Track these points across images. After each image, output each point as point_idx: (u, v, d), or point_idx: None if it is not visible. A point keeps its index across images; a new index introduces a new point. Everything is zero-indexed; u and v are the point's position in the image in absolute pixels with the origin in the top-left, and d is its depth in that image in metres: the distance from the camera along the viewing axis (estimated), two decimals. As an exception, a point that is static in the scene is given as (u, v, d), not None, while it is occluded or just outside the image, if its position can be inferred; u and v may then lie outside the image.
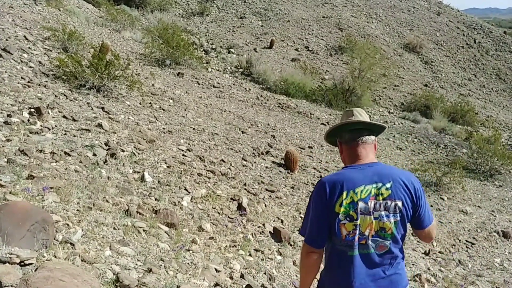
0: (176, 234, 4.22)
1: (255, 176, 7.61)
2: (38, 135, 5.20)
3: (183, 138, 7.83)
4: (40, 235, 2.56)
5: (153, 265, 3.18)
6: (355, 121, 2.15)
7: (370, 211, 1.97)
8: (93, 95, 7.91)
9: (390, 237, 2.00)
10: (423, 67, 23.16)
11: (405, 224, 2.05)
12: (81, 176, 4.57)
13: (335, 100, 16.64)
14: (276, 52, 21.19)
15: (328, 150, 10.92)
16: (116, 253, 3.12)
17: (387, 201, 1.99)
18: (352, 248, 1.98)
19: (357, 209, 1.96)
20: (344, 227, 1.97)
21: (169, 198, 5.23)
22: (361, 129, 2.15)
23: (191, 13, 25.73)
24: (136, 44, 16.87)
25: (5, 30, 8.94)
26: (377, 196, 1.99)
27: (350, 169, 2.09)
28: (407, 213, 2.02)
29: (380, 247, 2.01)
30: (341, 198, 1.96)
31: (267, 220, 6.13)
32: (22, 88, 6.49)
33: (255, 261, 4.51)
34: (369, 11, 27.15)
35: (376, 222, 1.98)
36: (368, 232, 1.98)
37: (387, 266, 2.03)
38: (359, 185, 1.99)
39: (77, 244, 2.92)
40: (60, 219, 3.18)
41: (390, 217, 1.99)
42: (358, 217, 1.96)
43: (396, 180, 2.02)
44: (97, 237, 3.24)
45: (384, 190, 1.99)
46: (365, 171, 2.04)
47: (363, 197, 1.97)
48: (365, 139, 2.13)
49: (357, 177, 2.01)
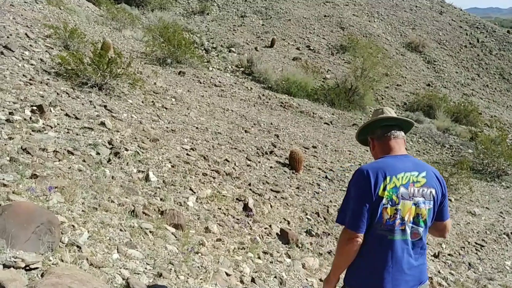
0: (184, 235, 4.09)
1: (259, 176, 7.47)
2: (41, 134, 5.06)
3: (186, 137, 7.70)
4: (46, 237, 2.43)
5: (163, 269, 3.05)
6: (387, 116, 2.30)
7: (410, 196, 2.06)
8: (95, 93, 7.77)
9: (423, 224, 2.09)
10: (426, 67, 23.05)
11: (434, 213, 2.15)
12: (84, 175, 4.44)
13: (338, 100, 16.53)
14: (277, 51, 21.07)
15: (333, 150, 10.80)
16: (124, 256, 2.99)
17: (424, 188, 2.10)
18: (393, 232, 2.05)
19: (399, 194, 2.04)
20: (386, 211, 2.03)
21: (175, 198, 5.11)
22: (392, 125, 2.28)
23: (191, 12, 25.61)
24: (137, 42, 16.74)
25: (6, 27, 8.80)
26: (415, 183, 2.09)
27: (388, 158, 2.19)
28: (437, 201, 2.14)
29: (414, 234, 2.08)
30: (385, 182, 2.03)
31: (274, 221, 6.00)
32: (24, 85, 6.36)
33: (264, 264, 4.38)
34: (371, 10, 27.04)
35: (414, 208, 2.07)
36: (407, 218, 2.06)
37: (417, 255, 2.11)
38: (400, 171, 2.07)
39: (84, 247, 2.79)
40: (65, 220, 3.05)
41: (426, 203, 2.09)
42: (399, 202, 2.04)
43: (429, 171, 2.15)
44: (103, 239, 3.11)
45: (421, 178, 2.10)
46: (402, 160, 2.15)
47: (404, 182, 2.06)
48: (397, 134, 2.26)
49: (397, 164, 2.11)
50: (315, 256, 5.39)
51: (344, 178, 8.99)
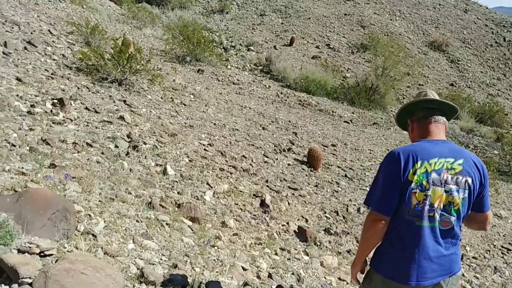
0: (200, 229, 4.05)
1: (277, 173, 7.40)
2: (61, 126, 5.10)
3: (204, 133, 7.68)
4: (61, 224, 2.41)
5: (178, 260, 3.01)
6: (429, 98, 2.18)
7: (442, 183, 1.98)
8: (115, 88, 7.82)
9: (456, 213, 2.00)
10: (449, 66, 22.56)
11: (470, 203, 2.04)
12: (102, 167, 4.44)
13: (358, 98, 16.31)
14: (296, 50, 20.94)
15: (352, 149, 10.64)
16: (140, 246, 2.96)
17: (459, 176, 1.99)
18: (421, 218, 1.97)
19: (430, 180, 1.96)
20: (414, 196, 1.96)
21: (192, 192, 5.07)
22: (434, 109, 2.17)
23: (211, 10, 25.71)
24: (156, 40, 16.87)
25: (30, 24, 8.94)
26: (449, 169, 1.99)
27: (423, 142, 2.09)
28: (474, 191, 2.02)
29: (444, 223, 2.00)
30: (415, 166, 1.96)
31: (291, 218, 5.92)
32: (46, 79, 6.43)
33: (281, 261, 4.30)
34: (393, 8, 26.63)
35: (446, 195, 1.98)
36: (437, 205, 1.98)
37: (448, 244, 2.03)
38: (434, 157, 1.99)
39: (99, 236, 2.77)
40: (82, 209, 3.04)
41: (459, 192, 1.99)
42: (430, 187, 1.96)
43: (468, 158, 2.04)
44: (119, 229, 3.09)
45: (456, 165, 2.00)
46: (439, 145, 2.05)
47: (436, 168, 1.98)
48: (438, 118, 2.15)
49: (432, 149, 2.02)
50: (333, 254, 5.29)
51: (365, 177, 8.83)
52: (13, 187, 2.86)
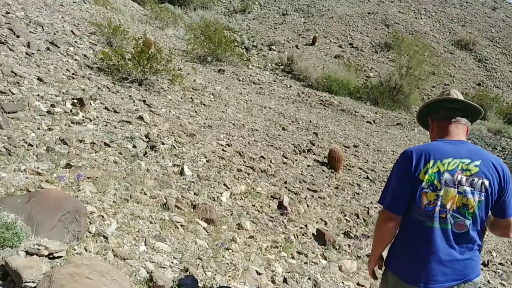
0: (215, 231, 4.00)
1: (296, 174, 7.29)
2: (80, 126, 5.14)
3: (223, 133, 7.64)
4: (72, 226, 2.39)
5: (190, 264, 2.96)
6: (452, 98, 2.11)
7: (455, 184, 1.91)
8: (135, 88, 7.87)
9: (471, 217, 1.91)
10: (476, 65, 21.92)
11: (488, 207, 1.94)
12: (119, 167, 4.44)
13: (381, 98, 16.02)
14: (318, 49, 20.74)
15: (375, 150, 10.43)
16: (151, 249, 2.92)
17: (474, 177, 1.91)
18: (432, 219, 1.92)
19: (442, 180, 1.91)
20: (425, 196, 1.92)
21: (208, 193, 5.03)
22: (456, 109, 2.10)
23: (233, 10, 25.76)
24: (178, 41, 16.98)
25: (54, 24, 9.10)
26: (464, 171, 1.92)
27: (439, 142, 2.04)
28: (492, 194, 1.92)
29: (459, 225, 1.92)
30: (427, 166, 1.92)
31: (310, 221, 5.81)
32: (67, 79, 6.51)
33: (298, 265, 4.21)
34: (418, 7, 26.08)
35: (459, 196, 1.91)
36: (450, 206, 1.91)
37: (463, 248, 1.93)
38: (448, 157, 1.94)
39: (111, 238, 2.74)
40: (95, 210, 3.03)
41: (475, 194, 1.90)
42: (442, 188, 1.91)
43: (486, 160, 1.94)
44: (132, 230, 3.06)
45: (472, 166, 1.92)
46: (455, 146, 1.99)
47: (450, 168, 1.92)
48: (459, 119, 2.08)
49: (447, 149, 1.96)
50: (353, 259, 5.16)
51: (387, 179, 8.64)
52: (27, 187, 2.87)
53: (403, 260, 2.01)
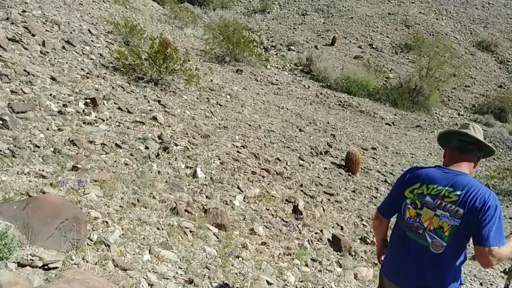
0: (226, 236, 3.85)
1: (312, 177, 7.10)
2: (91, 126, 5.06)
3: (238, 134, 7.50)
4: (71, 234, 2.27)
5: (195, 274, 2.81)
6: (462, 132, 2.27)
7: (434, 207, 2.15)
8: (151, 88, 7.79)
9: (446, 240, 2.10)
10: (498, 67, 21.27)
11: (464, 235, 2.10)
12: (130, 169, 4.34)
13: (401, 100, 15.67)
14: (338, 50, 20.43)
15: (394, 153, 10.14)
16: (156, 257, 2.79)
17: (452, 205, 2.11)
18: (411, 231, 2.22)
19: (423, 201, 2.19)
20: (408, 211, 2.24)
21: (221, 196, 4.89)
22: (469, 142, 2.26)
23: (252, 10, 25.62)
24: (197, 40, 16.92)
25: (70, 23, 9.10)
26: (445, 197, 2.13)
27: (437, 168, 2.26)
28: (467, 223, 2.06)
29: (435, 246, 2.13)
30: (414, 186, 2.23)
31: (325, 226, 5.62)
32: (81, 79, 6.46)
33: (311, 273, 4.03)
34: (439, 8, 25.47)
35: (436, 218, 2.14)
36: (427, 225, 2.16)
37: (435, 265, 2.14)
38: (435, 183, 2.18)
39: (113, 246, 2.62)
40: (99, 215, 2.91)
41: (450, 219, 2.10)
42: (422, 207, 2.19)
43: (469, 191, 2.09)
44: (137, 237, 2.93)
45: (453, 195, 2.11)
46: (448, 175, 2.19)
47: (432, 193, 2.17)
48: (467, 154, 2.25)
49: (437, 176, 2.20)
50: (369, 266, 4.95)
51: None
52: (28, 192, 2.77)
53: (388, 259, 2.38)
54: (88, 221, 2.77)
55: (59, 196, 2.63)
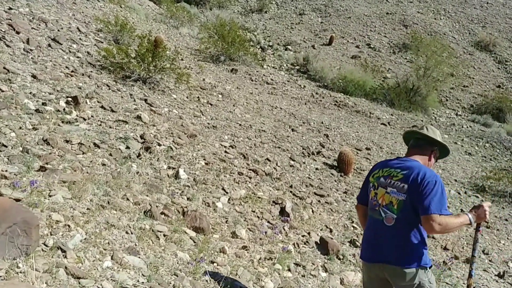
0: (204, 240, 3.69)
1: (303, 178, 6.95)
2: (70, 125, 4.90)
3: (227, 134, 7.34)
4: (19, 239, 2.11)
5: (159, 282, 2.64)
6: (413, 130, 2.80)
7: (385, 185, 2.56)
8: (138, 86, 7.64)
9: (396, 213, 2.46)
10: (496, 67, 21.11)
11: (410, 207, 2.42)
12: (106, 170, 4.18)
13: (398, 100, 15.51)
14: (335, 49, 20.27)
15: (388, 153, 9.98)
16: (118, 264, 2.62)
17: (398, 182, 2.50)
18: (372, 211, 2.62)
19: (379, 182, 2.61)
20: (371, 193, 2.66)
21: (204, 197, 4.74)
22: (420, 139, 2.73)
23: (249, 10, 25.46)
24: (192, 40, 16.76)
25: (59, 21, 8.95)
26: (394, 177, 2.54)
27: (394, 159, 2.75)
28: (411, 197, 2.41)
29: (388, 219, 2.49)
30: (374, 172, 2.71)
31: (314, 228, 5.47)
32: (64, 77, 6.31)
33: (294, 278, 3.87)
34: (437, 7, 25.31)
35: (387, 195, 2.53)
36: (381, 202, 2.55)
37: (389, 239, 2.46)
38: (387, 167, 2.64)
39: (70, 252, 2.45)
40: (61, 219, 2.75)
41: (397, 194, 2.48)
42: (378, 187, 2.60)
43: (412, 170, 2.48)
44: (101, 242, 2.76)
45: (400, 174, 2.52)
46: (399, 161, 2.65)
47: (384, 175, 2.60)
48: (419, 147, 2.70)
49: (392, 163, 2.67)
50: (357, 270, 4.80)
51: (399, 184, 8.20)
52: (-19, 193, 2.62)
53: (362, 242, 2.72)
54: (47, 225, 2.62)
55: (7, 199, 2.47)
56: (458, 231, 6.83)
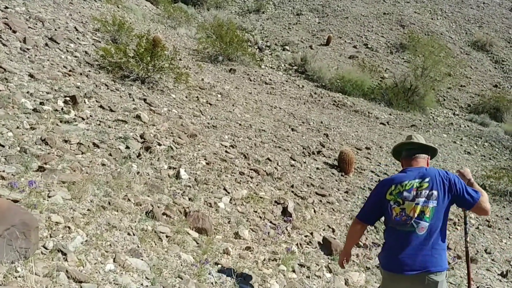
0: (207, 241, 3.60)
1: (304, 178, 6.87)
2: (69, 125, 4.81)
3: (227, 134, 7.25)
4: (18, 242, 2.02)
5: (164, 285, 2.55)
6: (408, 141, 2.84)
7: (413, 198, 2.54)
8: (137, 86, 7.54)
9: (428, 220, 2.50)
10: (493, 67, 21.13)
11: (442, 211, 2.53)
12: (106, 170, 4.09)
13: (396, 99, 15.47)
14: (332, 49, 20.22)
15: (388, 152, 9.91)
16: (121, 267, 2.53)
17: (426, 190, 2.54)
18: (400, 225, 2.57)
19: (403, 197, 2.57)
20: (394, 210, 2.59)
21: (205, 198, 4.65)
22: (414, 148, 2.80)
23: (247, 10, 25.39)
24: (190, 40, 16.67)
25: (56, 21, 8.84)
26: (418, 188, 2.56)
27: (401, 172, 2.74)
28: (444, 200, 2.52)
29: (421, 229, 2.51)
30: (390, 189, 2.62)
31: (316, 228, 5.39)
32: (62, 76, 6.21)
33: (298, 279, 3.78)
34: (434, 7, 25.33)
35: (417, 207, 2.53)
36: (412, 215, 2.53)
37: (425, 246, 2.50)
38: (405, 180, 2.61)
39: (71, 254, 2.36)
40: (61, 220, 2.66)
41: (428, 203, 2.52)
42: (404, 203, 2.57)
43: (433, 177, 2.57)
44: (102, 244, 2.67)
45: (424, 183, 2.56)
46: (411, 172, 2.66)
47: (407, 188, 2.57)
48: (418, 155, 2.77)
49: (404, 176, 2.64)
50: (361, 270, 4.73)
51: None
52: (-23, 194, 2.52)
53: (385, 255, 2.66)
54: (47, 227, 2.53)
55: (5, 200, 2.37)
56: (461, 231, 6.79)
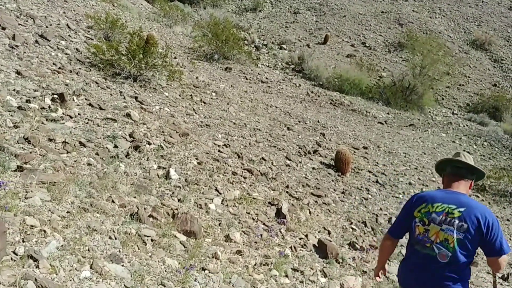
0: (195, 245, 3.45)
1: (299, 178, 6.73)
2: (55, 123, 4.65)
3: (221, 133, 7.10)
4: (-18, 249, 1.87)
5: (143, 294, 2.41)
6: (455, 159, 2.62)
7: (440, 222, 2.40)
8: (129, 84, 7.38)
9: (451, 251, 2.35)
10: (492, 66, 21.01)
11: (468, 247, 2.34)
12: (92, 170, 3.93)
13: (394, 98, 15.34)
14: (330, 48, 20.08)
15: (386, 152, 9.77)
16: (98, 274, 2.37)
17: (456, 220, 2.37)
18: (421, 245, 2.46)
19: (430, 218, 2.45)
20: (417, 228, 2.49)
21: (196, 199, 4.50)
22: (461, 168, 2.59)
23: (243, 9, 25.23)
24: (186, 38, 16.50)
25: (48, 18, 8.67)
26: (449, 214, 2.40)
27: (439, 191, 2.61)
28: (471, 237, 2.33)
29: (442, 256, 2.37)
30: (421, 207, 2.51)
31: (311, 230, 5.25)
32: (51, 74, 6.04)
33: (291, 285, 3.64)
34: (432, 6, 25.19)
35: (442, 232, 2.39)
36: (434, 238, 2.41)
37: (442, 275, 2.37)
38: (438, 202, 2.47)
39: (43, 261, 2.21)
40: (37, 223, 2.50)
41: (454, 232, 2.35)
42: (429, 224, 2.44)
43: (470, 209, 2.37)
44: (80, 249, 2.52)
45: (456, 211, 2.38)
46: (449, 194, 2.50)
47: (437, 211, 2.44)
48: (461, 176, 2.57)
49: (439, 197, 2.50)
50: (357, 274, 4.59)
51: (398, 183, 8.00)
52: None
53: (403, 272, 2.61)
54: (20, 231, 2.38)
55: (-31, 203, 2.22)
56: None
